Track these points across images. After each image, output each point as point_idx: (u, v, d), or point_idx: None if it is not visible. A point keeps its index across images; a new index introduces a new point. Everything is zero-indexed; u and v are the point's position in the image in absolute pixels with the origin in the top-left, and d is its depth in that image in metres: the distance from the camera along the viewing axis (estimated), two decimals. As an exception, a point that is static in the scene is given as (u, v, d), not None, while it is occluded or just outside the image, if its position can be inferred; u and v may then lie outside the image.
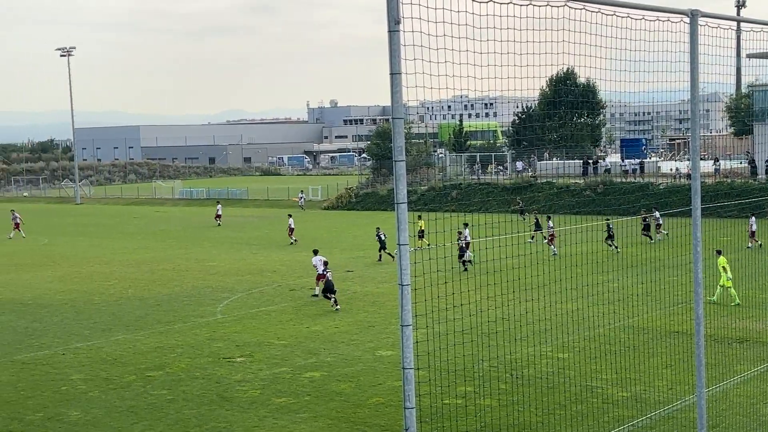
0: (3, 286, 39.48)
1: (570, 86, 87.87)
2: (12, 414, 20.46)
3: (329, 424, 19.01)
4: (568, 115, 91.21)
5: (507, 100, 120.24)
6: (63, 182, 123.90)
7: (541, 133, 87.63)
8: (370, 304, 32.49)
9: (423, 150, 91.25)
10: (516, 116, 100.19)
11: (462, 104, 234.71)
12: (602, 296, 28.97)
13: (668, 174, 70.51)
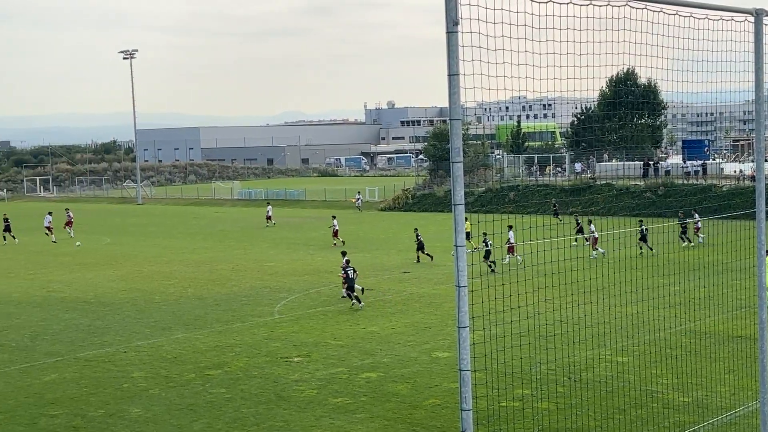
0: (67, 284, 40.28)
1: (630, 87, 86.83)
2: (75, 410, 20.86)
3: (385, 425, 19.03)
4: (628, 116, 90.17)
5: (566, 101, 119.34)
6: (125, 183, 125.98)
7: (600, 135, 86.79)
8: (426, 306, 32.47)
9: (480, 151, 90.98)
10: (575, 117, 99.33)
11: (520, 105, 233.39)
12: (663, 299, 28.56)
13: (731, 176, 69.26)
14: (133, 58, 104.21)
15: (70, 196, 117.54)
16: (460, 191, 7.96)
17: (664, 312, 28.13)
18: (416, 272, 40.68)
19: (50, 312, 33.53)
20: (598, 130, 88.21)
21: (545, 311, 23.99)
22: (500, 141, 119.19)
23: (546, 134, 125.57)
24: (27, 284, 40.62)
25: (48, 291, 38.54)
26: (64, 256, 51.31)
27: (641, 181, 69.73)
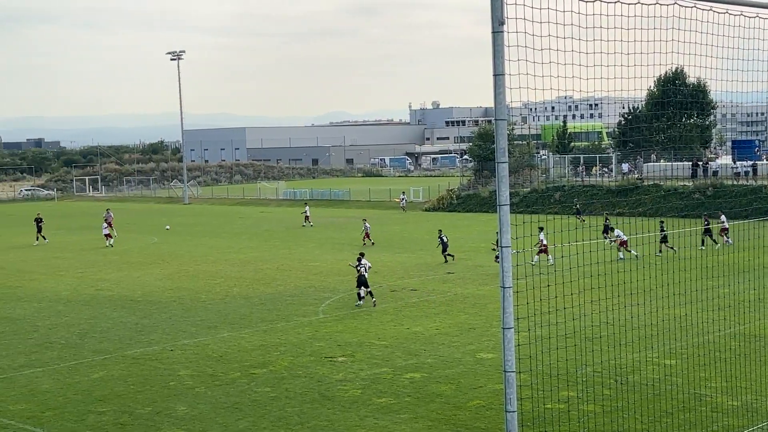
0: (115, 283, 40.82)
1: (679, 86, 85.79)
2: (122, 407, 21.12)
3: (429, 426, 19.01)
4: (676, 116, 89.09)
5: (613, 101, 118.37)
6: (172, 182, 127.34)
7: (648, 135, 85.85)
8: (470, 306, 32.37)
9: (526, 151, 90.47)
10: (622, 117, 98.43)
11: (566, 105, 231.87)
12: (711, 302, 28.16)
13: (783, 176, 68.12)
14: (180, 59, 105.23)
15: (118, 195, 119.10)
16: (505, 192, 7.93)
17: (713, 314, 27.73)
18: (460, 273, 40.59)
19: (98, 310, 34.00)
20: (645, 130, 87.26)
21: (591, 313, 23.77)
22: (546, 141, 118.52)
23: (592, 134, 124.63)
24: (76, 282, 41.25)
25: (96, 289, 39.08)
26: (112, 254, 52.01)
27: (690, 181, 68.86)
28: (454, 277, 39.34)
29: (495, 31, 7.63)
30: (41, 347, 27.88)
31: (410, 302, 33.59)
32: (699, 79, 78.06)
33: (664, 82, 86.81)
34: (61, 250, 55.15)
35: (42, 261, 49.66)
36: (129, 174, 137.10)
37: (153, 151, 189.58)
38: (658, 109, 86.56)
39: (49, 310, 34.37)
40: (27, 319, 32.56)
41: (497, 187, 7.97)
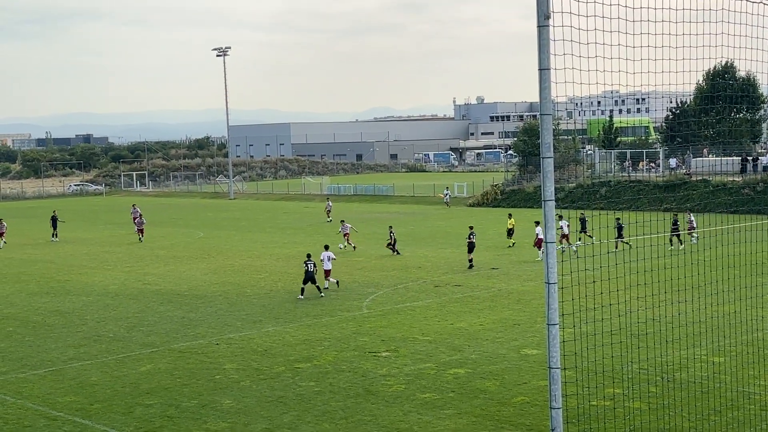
0: (161, 277, 41.29)
1: (728, 80, 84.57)
2: (169, 400, 21.36)
3: (473, 422, 18.98)
4: (725, 110, 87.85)
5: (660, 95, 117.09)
6: (218, 178, 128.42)
7: (696, 129, 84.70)
8: (515, 302, 32.25)
9: (571, 147, 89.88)
10: (670, 112, 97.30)
11: (612, 99, 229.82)
12: (762, 299, 27.74)
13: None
14: (226, 56, 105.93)
15: (165, 191, 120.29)
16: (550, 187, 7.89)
17: (763, 311, 27.34)
18: (505, 269, 40.43)
19: (146, 304, 34.42)
20: (693, 125, 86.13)
21: (637, 309, 23.57)
22: (592, 136, 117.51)
23: (639, 129, 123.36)
24: (124, 276, 41.79)
25: (143, 283, 39.56)
26: (159, 249, 52.60)
27: (739, 177, 67.86)
28: (498, 273, 39.21)
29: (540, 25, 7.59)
30: (90, 340, 28.30)
31: (454, 298, 33.55)
32: (749, 73, 76.96)
33: (713, 76, 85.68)
34: (109, 244, 55.91)
35: (90, 255, 50.39)
36: (175, 169, 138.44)
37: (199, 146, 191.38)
38: (706, 103, 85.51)
39: (97, 303, 34.87)
40: (76, 313, 33.07)
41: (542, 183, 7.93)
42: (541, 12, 7.55)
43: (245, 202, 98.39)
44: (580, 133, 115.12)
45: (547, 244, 7.91)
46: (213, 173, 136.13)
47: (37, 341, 28.43)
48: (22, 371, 24.67)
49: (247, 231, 62.80)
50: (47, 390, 22.64)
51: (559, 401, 7.98)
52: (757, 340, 24.64)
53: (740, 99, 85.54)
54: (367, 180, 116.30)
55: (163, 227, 67.02)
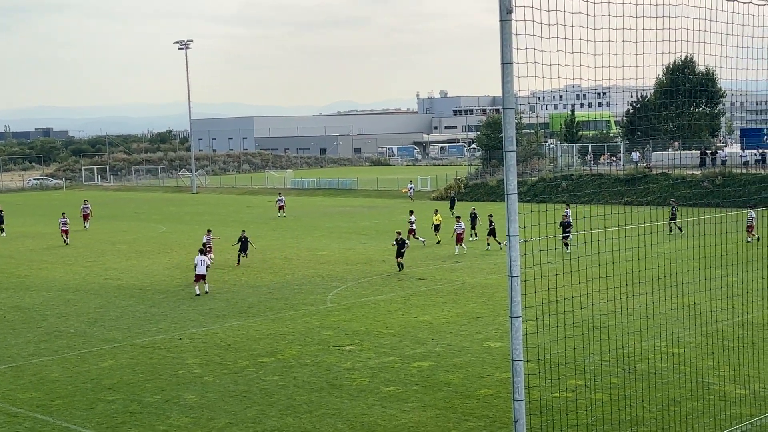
0: (123, 272, 40.93)
1: (688, 75, 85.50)
2: (131, 396, 21.20)
3: (437, 414, 19.05)
4: (685, 104, 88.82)
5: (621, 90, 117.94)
6: (180, 172, 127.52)
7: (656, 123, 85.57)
8: (478, 295, 32.38)
9: (533, 141, 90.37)
10: (630, 106, 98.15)
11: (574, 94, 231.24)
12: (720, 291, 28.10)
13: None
14: (188, 49, 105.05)
15: (127, 185, 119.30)
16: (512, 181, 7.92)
17: (721, 303, 27.69)
18: (468, 262, 40.60)
19: (107, 299, 34.11)
20: (654, 119, 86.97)
21: (599, 302, 23.78)
22: (554, 130, 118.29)
23: (600, 123, 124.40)
24: (85, 272, 41.38)
25: (105, 278, 39.20)
26: (121, 244, 52.14)
27: (698, 170, 68.69)
28: (461, 266, 39.35)
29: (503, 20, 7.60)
30: (51, 336, 27.99)
31: (418, 291, 33.62)
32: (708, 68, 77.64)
33: (673, 71, 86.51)
34: (70, 239, 55.27)
35: (51, 250, 49.80)
36: (137, 163, 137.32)
37: (161, 140, 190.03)
38: (666, 97, 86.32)
39: (58, 299, 34.49)
40: (36, 308, 32.69)
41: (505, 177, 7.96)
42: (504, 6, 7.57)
43: (208, 196, 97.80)
44: (542, 127, 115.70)
45: (510, 238, 7.94)
46: (175, 167, 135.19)
47: (-3, 337, 28.06)
48: (-19, 368, 24.33)
49: (210, 225, 62.25)
50: (7, 386, 22.35)
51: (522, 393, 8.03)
52: (715, 332, 24.95)
53: (699, 93, 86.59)
54: (331, 174, 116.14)
55: (124, 221, 66.45)
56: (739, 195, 59.41)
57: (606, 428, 17.39)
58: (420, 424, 18.42)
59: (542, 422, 17.14)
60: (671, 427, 17.43)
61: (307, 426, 18.58)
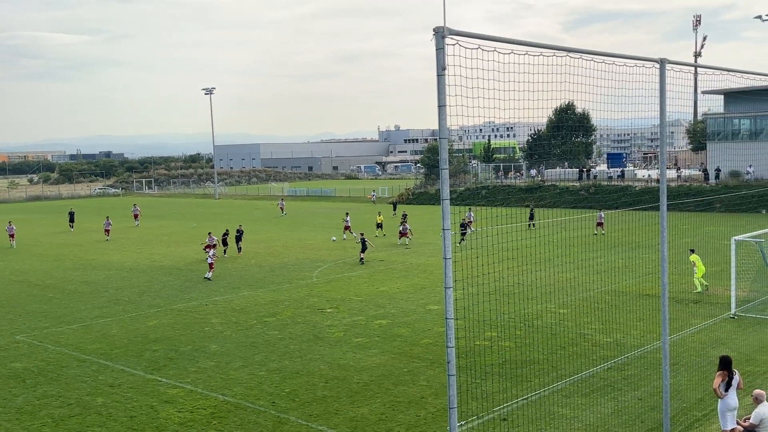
0: (164, 256, 40.41)
1: (570, 114, 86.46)
2: (170, 346, 20.97)
3: (393, 357, 19.08)
4: (568, 135, 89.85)
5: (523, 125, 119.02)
6: (206, 183, 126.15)
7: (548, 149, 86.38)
8: (422, 272, 32.47)
9: (461, 161, 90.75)
10: (530, 137, 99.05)
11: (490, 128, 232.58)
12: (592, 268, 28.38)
13: (642, 179, 68.98)
14: (212, 94, 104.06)
15: (166, 192, 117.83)
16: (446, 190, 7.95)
17: (594, 277, 28.05)
18: (415, 248, 40.65)
19: (153, 276, 33.67)
20: (546, 146, 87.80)
21: (508, 276, 23.94)
22: (475, 154, 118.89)
23: (509, 149, 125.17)
24: (136, 256, 40.79)
25: (151, 261, 38.67)
26: (162, 235, 51.48)
27: (577, 182, 69.52)
28: (410, 252, 39.42)
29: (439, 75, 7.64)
30: (110, 303, 27.58)
31: (379, 269, 33.62)
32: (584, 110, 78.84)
33: (560, 112, 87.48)
34: (125, 232, 54.50)
35: (110, 240, 49.03)
36: (175, 177, 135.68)
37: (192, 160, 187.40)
38: (555, 131, 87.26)
39: (116, 276, 33.98)
40: (100, 283, 32.18)
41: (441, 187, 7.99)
42: (440, 65, 7.61)
43: (226, 201, 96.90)
44: (467, 152, 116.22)
45: (444, 231, 7.97)
46: (203, 180, 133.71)
47: (71, 304, 27.59)
48: (59, 326, 23.92)
49: (228, 222, 61.76)
50: (79, 340, 22.00)
51: (453, 342, 8.06)
52: (589, 298, 25.29)
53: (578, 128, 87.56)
54: (316, 185, 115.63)
55: (164, 219, 65.59)
56: (605, 200, 60.25)
57: (513, 366, 17.54)
58: (380, 365, 18.44)
59: (468, 363, 17.26)
60: (559, 365, 17.63)
61: (298, 367, 18.51)
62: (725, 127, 64.40)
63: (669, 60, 10.92)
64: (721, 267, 28.75)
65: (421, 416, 14.73)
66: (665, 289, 11.43)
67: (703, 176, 63.45)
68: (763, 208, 50.57)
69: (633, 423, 13.78)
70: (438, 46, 7.49)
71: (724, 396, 12.08)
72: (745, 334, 19.90)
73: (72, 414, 15.67)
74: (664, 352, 11.62)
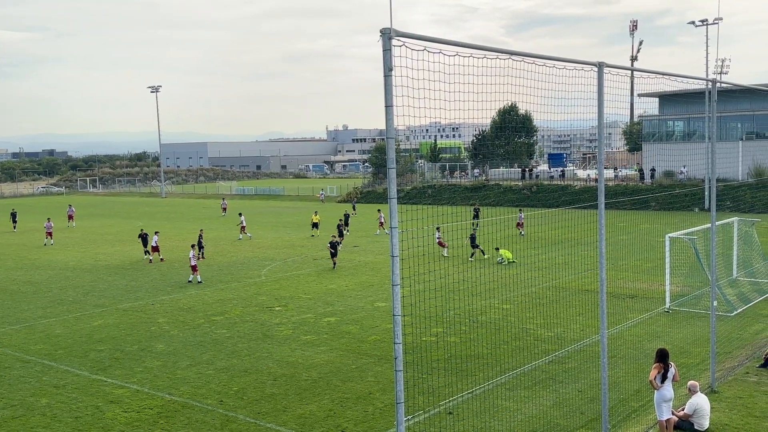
0: (110, 255, 39.41)
1: (513, 116, 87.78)
2: (116, 346, 20.47)
3: (341, 354, 19.04)
4: (511, 136, 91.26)
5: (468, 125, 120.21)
6: (152, 182, 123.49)
7: (492, 149, 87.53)
8: (370, 270, 32.50)
9: (408, 161, 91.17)
10: (474, 137, 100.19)
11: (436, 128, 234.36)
12: (534, 264, 28.85)
13: (582, 178, 70.56)
14: (158, 92, 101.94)
15: (112, 191, 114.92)
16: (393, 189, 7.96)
17: (536, 273, 28.55)
18: (364, 247, 40.65)
19: (97, 275, 32.79)
20: (490, 146, 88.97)
21: (453, 273, 24.16)
22: (422, 153, 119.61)
23: (454, 149, 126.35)
24: (80, 255, 39.66)
25: (96, 260, 37.66)
26: (107, 235, 50.19)
27: (520, 182, 70.67)
28: (359, 250, 39.40)
29: (386, 75, 7.65)
30: (54, 303, 26.74)
31: (327, 267, 33.50)
32: (527, 111, 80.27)
33: (503, 113, 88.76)
34: (69, 231, 52.91)
35: (54, 240, 47.51)
36: (120, 176, 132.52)
37: (138, 159, 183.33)
38: (499, 131, 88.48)
39: (59, 275, 32.97)
40: (43, 283, 31.17)
41: (388, 186, 7.99)
42: (386, 66, 7.62)
43: (173, 200, 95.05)
44: (414, 151, 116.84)
45: (392, 229, 7.99)
46: (149, 179, 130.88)
47: (14, 304, 26.64)
48: (2, 327, 23.05)
49: (175, 221, 60.69)
50: (22, 340, 21.26)
51: (400, 338, 8.08)
52: (532, 294, 25.71)
53: (521, 129, 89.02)
54: (264, 184, 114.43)
55: (110, 218, 63.95)
56: (547, 199, 61.39)
57: (458, 361, 17.70)
58: (329, 362, 18.38)
59: (414, 358, 17.34)
60: (503, 360, 17.88)
61: (247, 365, 18.29)
62: (660, 128, 66.44)
63: (607, 64, 11.19)
64: (656, 263, 29.64)
65: (369, 411, 14.74)
66: (603, 284, 11.72)
67: (638, 176, 65.28)
68: (696, 206, 52.38)
69: (573, 414, 14.09)
70: (385, 47, 7.50)
71: (660, 387, 12.44)
72: (679, 327, 20.57)
73: (15, 415, 15.14)
74: (602, 345, 11.90)
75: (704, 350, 17.96)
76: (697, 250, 22.31)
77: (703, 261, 21.99)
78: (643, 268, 29.92)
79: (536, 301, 24.13)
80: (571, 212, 47.73)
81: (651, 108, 73.12)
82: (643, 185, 61.17)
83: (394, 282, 8.02)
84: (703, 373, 16.28)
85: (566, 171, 75.68)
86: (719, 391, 15.03)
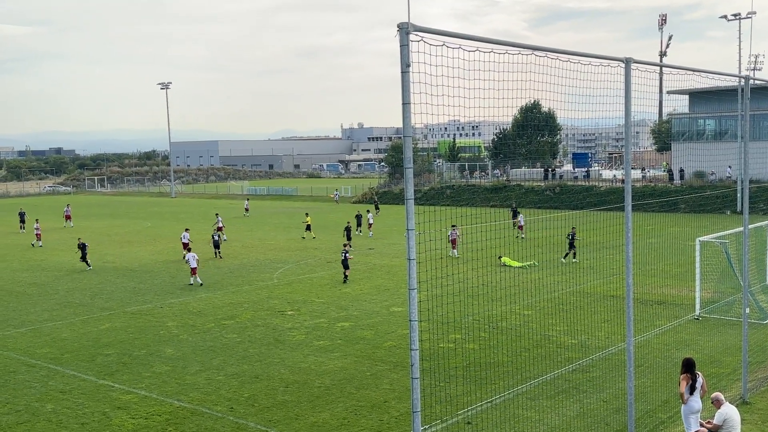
0: (118, 257, 39.76)
1: (535, 114, 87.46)
2: (124, 350, 20.64)
3: (355, 361, 19.07)
4: (533, 135, 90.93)
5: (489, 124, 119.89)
6: (162, 182, 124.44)
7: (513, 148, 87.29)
8: (385, 273, 32.51)
9: (426, 160, 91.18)
10: (495, 135, 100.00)
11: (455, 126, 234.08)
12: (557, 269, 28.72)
13: (608, 179, 70.15)
14: (168, 89, 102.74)
15: (120, 191, 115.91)
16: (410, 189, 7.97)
17: (559, 278, 28.42)
18: (379, 249, 40.69)
19: (105, 277, 33.09)
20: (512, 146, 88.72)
21: (473, 277, 24.11)
22: (440, 152, 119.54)
23: (474, 148, 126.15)
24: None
25: (103, 262, 38.01)
26: (115, 235, 50.64)
27: (543, 182, 70.37)
28: (374, 253, 39.43)
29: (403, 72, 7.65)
30: (61, 306, 27.03)
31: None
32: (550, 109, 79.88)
33: (525, 111, 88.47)
34: (76, 232, 53.43)
35: (60, 240, 48.04)
36: (129, 175, 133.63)
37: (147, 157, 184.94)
38: (521, 130, 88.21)
39: (66, 277, 33.32)
40: (50, 284, 31.51)
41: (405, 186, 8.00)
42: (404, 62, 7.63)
43: (183, 200, 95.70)
44: (432, 150, 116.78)
45: (408, 231, 7.99)
46: (158, 178, 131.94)
47: (19, 306, 26.96)
48: (7, 330, 23.34)
49: (185, 222, 61.06)
50: (27, 344, 21.51)
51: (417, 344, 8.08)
52: (554, 299, 25.60)
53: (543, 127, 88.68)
54: (277, 183, 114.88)
55: (118, 219, 64.53)
56: (571, 200, 61.09)
57: (477, 369, 17.66)
58: (343, 369, 18.41)
59: (431, 365, 17.32)
60: (524, 368, 17.81)
61: (258, 371, 18.37)
62: (690, 127, 65.88)
63: (634, 59, 11.13)
64: (685, 268, 29.38)
65: (384, 420, 14.74)
66: (630, 290, 11.64)
67: (667, 176, 64.78)
68: (728, 208, 51.87)
69: (598, 425, 14.00)
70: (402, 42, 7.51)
71: (688, 399, 12.33)
72: (709, 335, 20.38)
73: (20, 421, 15.31)
74: (628, 353, 11.82)
75: (736, 359, 17.77)
76: (729, 254, 22.08)
77: (735, 266, 21.76)
78: (671, 273, 29.66)
79: (559, 306, 24.02)
80: (596, 214, 47.43)
81: (681, 105, 72.53)
82: (672, 186, 60.70)
83: (410, 286, 8.03)
84: (735, 383, 16.11)
85: (591, 171, 75.27)
86: (751, 402, 14.87)
